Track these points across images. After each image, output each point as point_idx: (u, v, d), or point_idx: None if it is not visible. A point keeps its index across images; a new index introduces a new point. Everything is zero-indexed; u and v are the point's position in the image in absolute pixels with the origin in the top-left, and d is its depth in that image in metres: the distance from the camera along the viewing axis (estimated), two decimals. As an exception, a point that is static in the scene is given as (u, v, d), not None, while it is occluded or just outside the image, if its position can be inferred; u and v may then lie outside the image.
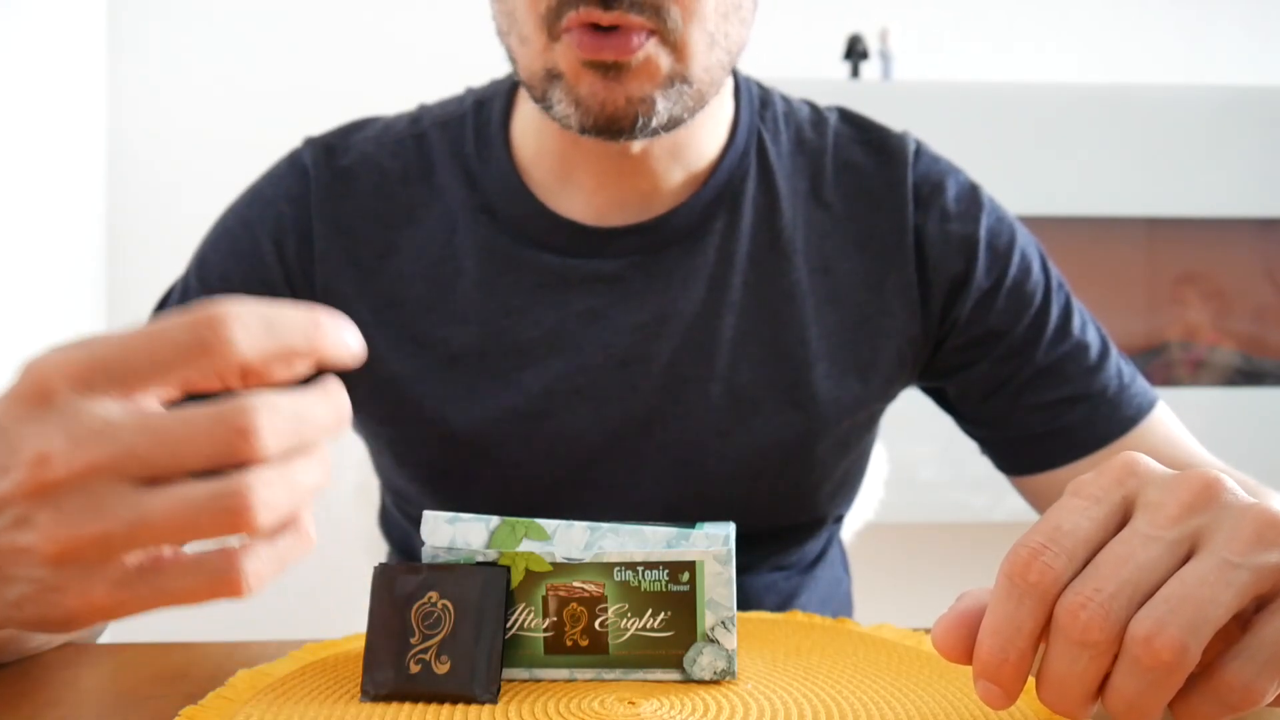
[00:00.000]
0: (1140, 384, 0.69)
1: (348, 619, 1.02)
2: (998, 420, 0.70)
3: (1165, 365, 1.91)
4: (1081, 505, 0.34)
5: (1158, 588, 0.32)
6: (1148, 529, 0.33)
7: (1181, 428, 0.70)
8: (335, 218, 0.67)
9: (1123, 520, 0.34)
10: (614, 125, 0.57)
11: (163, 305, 0.70)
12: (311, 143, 0.70)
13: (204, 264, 0.69)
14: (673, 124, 0.59)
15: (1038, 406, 0.68)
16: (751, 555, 0.72)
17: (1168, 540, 0.32)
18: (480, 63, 1.20)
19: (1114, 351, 0.70)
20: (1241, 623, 0.33)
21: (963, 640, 0.35)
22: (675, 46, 0.56)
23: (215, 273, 0.68)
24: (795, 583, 0.76)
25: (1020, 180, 1.79)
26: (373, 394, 0.68)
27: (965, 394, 0.71)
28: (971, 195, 0.70)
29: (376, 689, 0.40)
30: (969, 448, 0.75)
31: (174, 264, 1.07)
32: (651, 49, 0.56)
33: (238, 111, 1.98)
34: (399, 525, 0.77)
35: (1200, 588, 0.31)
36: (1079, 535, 0.33)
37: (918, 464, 1.71)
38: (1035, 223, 0.85)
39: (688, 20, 0.56)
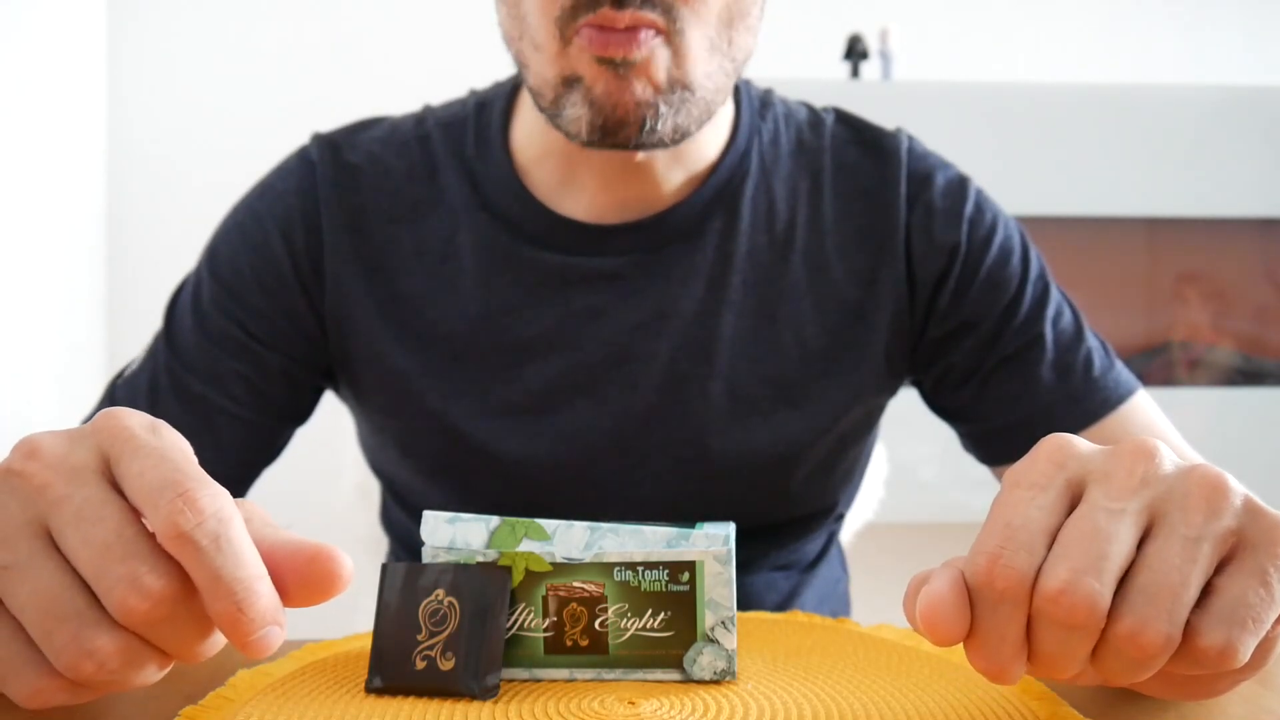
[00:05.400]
0: (1115, 375, 0.69)
1: (348, 619, 1.02)
2: (970, 411, 0.70)
3: (1165, 365, 1.91)
4: (1027, 495, 0.34)
5: (1127, 561, 0.32)
6: (1107, 502, 0.32)
7: (1161, 417, 0.70)
8: (342, 212, 0.68)
9: (1071, 503, 0.34)
10: (621, 129, 0.57)
11: (175, 300, 0.70)
12: (319, 138, 0.70)
13: (214, 257, 0.69)
14: (679, 134, 0.59)
15: (1004, 396, 0.68)
16: (752, 552, 0.72)
17: (1131, 511, 0.32)
18: (482, 64, 1.20)
19: (1089, 341, 0.69)
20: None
21: (954, 636, 0.34)
22: (675, 48, 0.56)
23: (226, 265, 0.68)
24: (795, 581, 0.76)
25: (1020, 180, 1.79)
26: (378, 386, 0.68)
27: (939, 385, 0.71)
28: (958, 189, 0.70)
29: (382, 683, 0.40)
30: (969, 448, 0.75)
31: (174, 264, 1.07)
32: (655, 45, 0.56)
33: (238, 111, 1.98)
34: (400, 520, 0.77)
35: (1170, 573, 0.31)
36: (1033, 527, 0.33)
37: (918, 464, 1.71)
38: (1035, 223, 0.85)
39: (690, 22, 0.56)
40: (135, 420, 0.35)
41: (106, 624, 0.32)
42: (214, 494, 0.33)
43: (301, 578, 0.35)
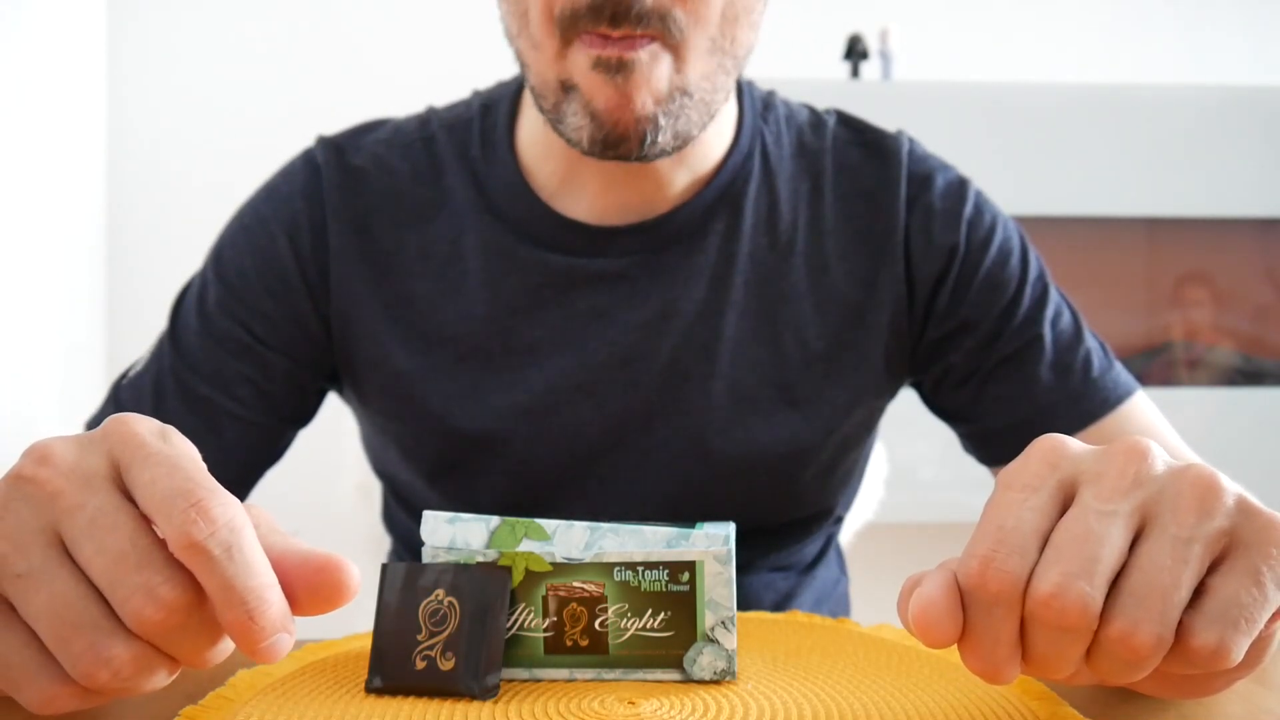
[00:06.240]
0: (1114, 375, 0.69)
1: (348, 619, 1.02)
2: (969, 412, 0.70)
3: (1165, 365, 1.91)
4: (1019, 497, 0.34)
5: (1119, 563, 0.32)
6: (1098, 504, 0.32)
7: (1159, 418, 0.70)
8: (348, 214, 0.68)
9: (1064, 504, 0.34)
10: (622, 143, 0.57)
11: (180, 302, 0.70)
12: (323, 141, 0.70)
13: (220, 259, 0.69)
14: (681, 141, 0.60)
15: (1003, 397, 0.68)
16: (751, 553, 0.72)
17: (1122, 513, 0.32)
18: (484, 64, 1.20)
19: (1088, 342, 0.69)
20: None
21: (947, 638, 0.34)
22: (675, 51, 0.57)
23: (231, 268, 0.68)
24: (793, 582, 0.76)
25: (1020, 180, 1.79)
26: (382, 389, 0.68)
27: (939, 386, 0.71)
28: (957, 191, 0.70)
29: (382, 683, 0.40)
30: (969, 448, 0.75)
31: (174, 264, 1.07)
32: (655, 50, 0.56)
33: (238, 111, 1.98)
34: (402, 520, 0.77)
35: (1161, 574, 0.31)
36: (1025, 529, 0.33)
37: (918, 464, 1.71)
38: (1035, 223, 0.85)
39: (691, 25, 0.56)
40: (145, 427, 0.35)
41: (121, 633, 0.32)
42: (225, 503, 0.33)
43: (310, 587, 0.35)
